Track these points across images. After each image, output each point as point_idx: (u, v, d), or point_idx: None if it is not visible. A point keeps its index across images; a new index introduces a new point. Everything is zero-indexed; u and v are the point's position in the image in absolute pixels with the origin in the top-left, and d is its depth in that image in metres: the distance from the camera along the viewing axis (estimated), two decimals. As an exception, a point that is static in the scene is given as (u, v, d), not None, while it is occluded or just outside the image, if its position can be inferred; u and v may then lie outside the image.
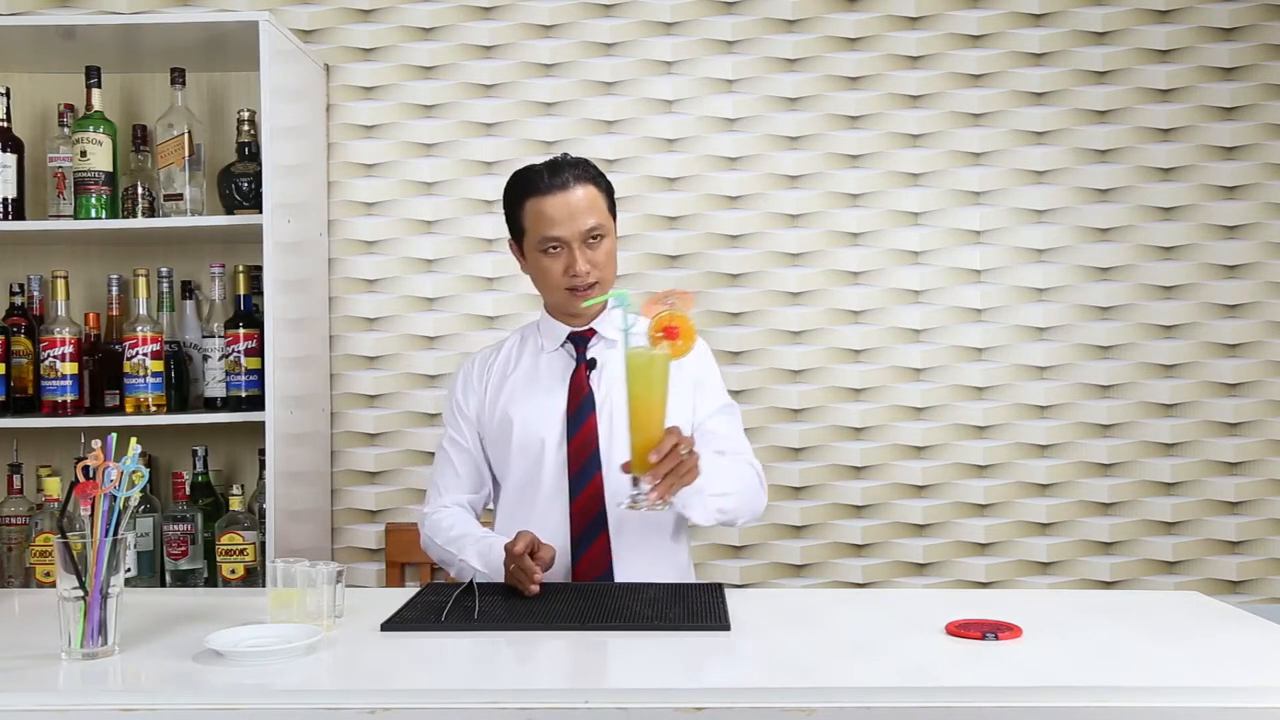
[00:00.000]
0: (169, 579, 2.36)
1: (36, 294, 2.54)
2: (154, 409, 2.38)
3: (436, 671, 1.41)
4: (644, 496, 1.62)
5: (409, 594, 1.74)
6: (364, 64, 2.73)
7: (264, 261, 2.31)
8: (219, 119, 2.66)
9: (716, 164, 2.70)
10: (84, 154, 2.39)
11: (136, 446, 1.46)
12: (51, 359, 2.37)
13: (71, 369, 2.37)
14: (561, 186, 1.87)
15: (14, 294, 2.51)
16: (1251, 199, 2.67)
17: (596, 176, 1.92)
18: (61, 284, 2.41)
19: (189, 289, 2.58)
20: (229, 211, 2.46)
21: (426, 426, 2.72)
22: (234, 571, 2.29)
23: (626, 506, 1.65)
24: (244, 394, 2.41)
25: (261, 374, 2.35)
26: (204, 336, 2.45)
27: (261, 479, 2.43)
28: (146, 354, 2.37)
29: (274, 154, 2.33)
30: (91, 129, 2.40)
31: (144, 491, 1.52)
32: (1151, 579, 2.66)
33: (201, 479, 2.46)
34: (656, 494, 1.61)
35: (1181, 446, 2.67)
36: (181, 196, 2.43)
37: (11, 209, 2.40)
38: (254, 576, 2.31)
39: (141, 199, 2.46)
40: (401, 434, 2.72)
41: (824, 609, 1.72)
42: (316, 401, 2.62)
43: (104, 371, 2.48)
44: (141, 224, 2.42)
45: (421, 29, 2.72)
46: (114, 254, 2.63)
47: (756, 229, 2.69)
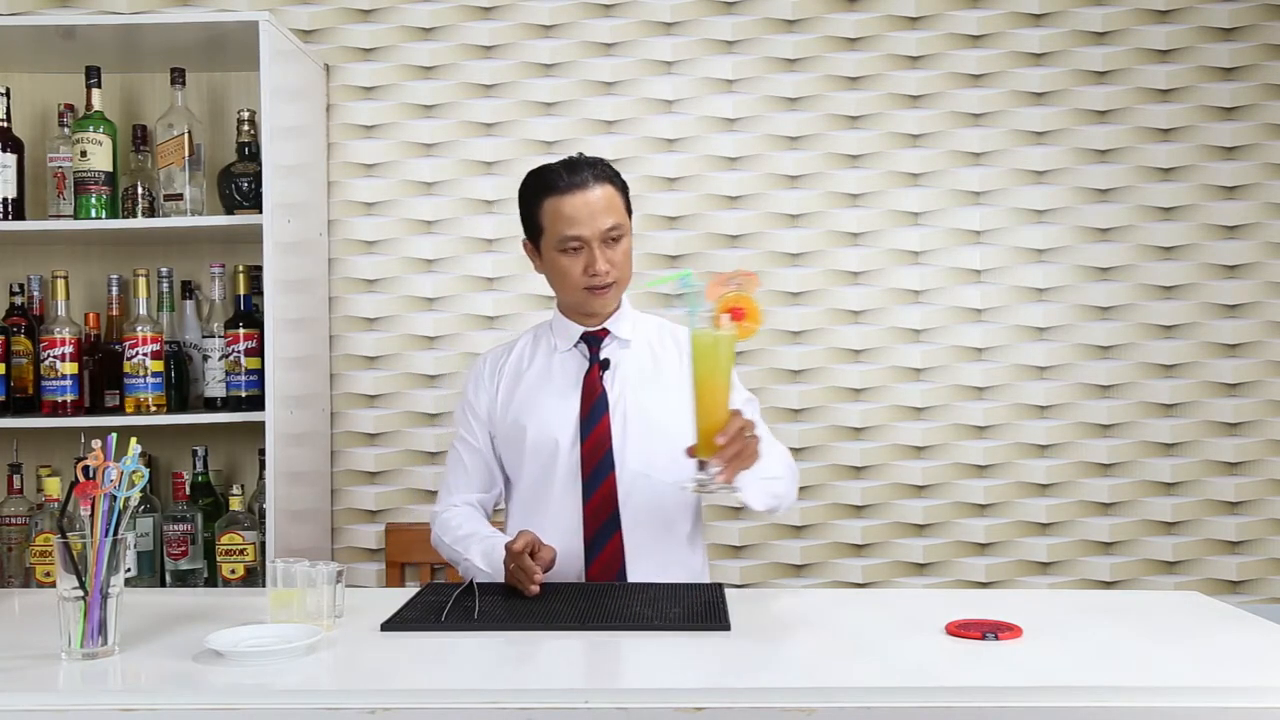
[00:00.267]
0: (169, 579, 2.36)
1: (36, 294, 2.54)
2: (154, 409, 2.38)
3: (436, 671, 1.41)
4: (711, 480, 1.59)
5: (409, 594, 1.74)
6: (364, 64, 2.73)
7: (264, 261, 2.31)
8: (219, 119, 2.66)
9: (716, 164, 2.70)
10: (84, 154, 2.39)
11: (136, 446, 1.46)
12: (51, 359, 2.37)
13: (71, 369, 2.37)
14: (581, 185, 1.86)
15: (14, 294, 2.51)
16: (1251, 199, 2.67)
17: (613, 176, 1.92)
18: (61, 284, 2.41)
19: (189, 289, 2.58)
20: (229, 211, 2.46)
21: (426, 426, 2.72)
22: (234, 571, 2.29)
23: (692, 490, 1.63)
24: (244, 394, 2.41)
25: (261, 374, 2.35)
26: (204, 336, 2.45)
27: (261, 479, 2.43)
28: (146, 354, 2.37)
29: (274, 154, 2.33)
30: (91, 129, 2.39)
31: (144, 491, 1.52)
32: (1151, 579, 2.66)
33: (201, 479, 2.46)
34: (724, 476, 1.59)
35: (1181, 446, 2.67)
36: (181, 196, 2.43)
37: (11, 209, 2.40)
38: (254, 576, 2.31)
39: (141, 199, 2.46)
40: (401, 434, 2.72)
41: (824, 609, 1.72)
42: (316, 401, 2.62)
43: (104, 371, 2.48)
44: (141, 224, 2.42)
45: (421, 29, 2.72)
46: (114, 254, 2.63)
47: (756, 229, 2.69)
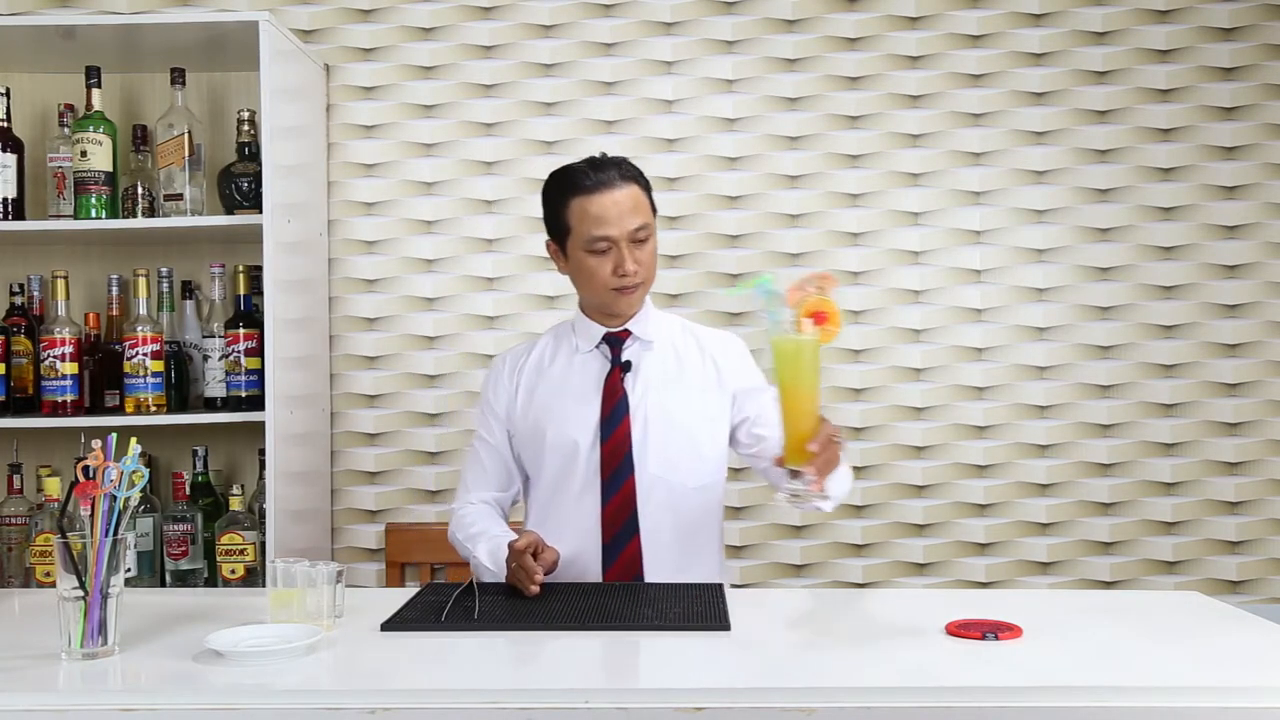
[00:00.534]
0: (169, 579, 2.36)
1: (36, 294, 2.54)
2: (154, 409, 2.38)
3: (436, 671, 1.41)
4: (806, 489, 1.55)
5: (409, 594, 1.74)
6: (364, 64, 2.73)
7: (264, 261, 2.31)
8: (219, 119, 2.66)
9: (716, 164, 2.70)
10: (84, 154, 2.39)
11: (136, 446, 1.46)
12: (51, 359, 2.37)
13: (71, 369, 2.37)
14: (607, 185, 1.85)
15: (14, 294, 2.51)
16: (1251, 199, 2.67)
17: (638, 175, 1.91)
18: (61, 284, 2.41)
19: (189, 289, 2.58)
20: (229, 211, 2.46)
21: (426, 426, 2.72)
22: (234, 571, 2.29)
23: (786, 500, 1.58)
24: (244, 394, 2.41)
25: (261, 374, 2.35)
26: (204, 336, 2.45)
27: (261, 479, 2.43)
28: (146, 354, 2.37)
29: (274, 154, 2.33)
30: (91, 129, 2.39)
31: (144, 491, 1.52)
32: (1151, 579, 2.66)
33: (201, 479, 2.46)
34: (818, 485, 1.55)
35: (1181, 446, 2.67)
36: (181, 196, 2.43)
37: (11, 209, 2.40)
38: (254, 576, 2.31)
39: (141, 199, 2.46)
40: (401, 434, 2.72)
41: (824, 609, 1.72)
42: (316, 401, 2.62)
43: (104, 371, 2.48)
44: (141, 224, 2.42)
45: (421, 29, 2.72)
46: (114, 254, 2.63)
47: (756, 229, 2.69)
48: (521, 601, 1.66)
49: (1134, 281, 2.68)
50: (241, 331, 2.41)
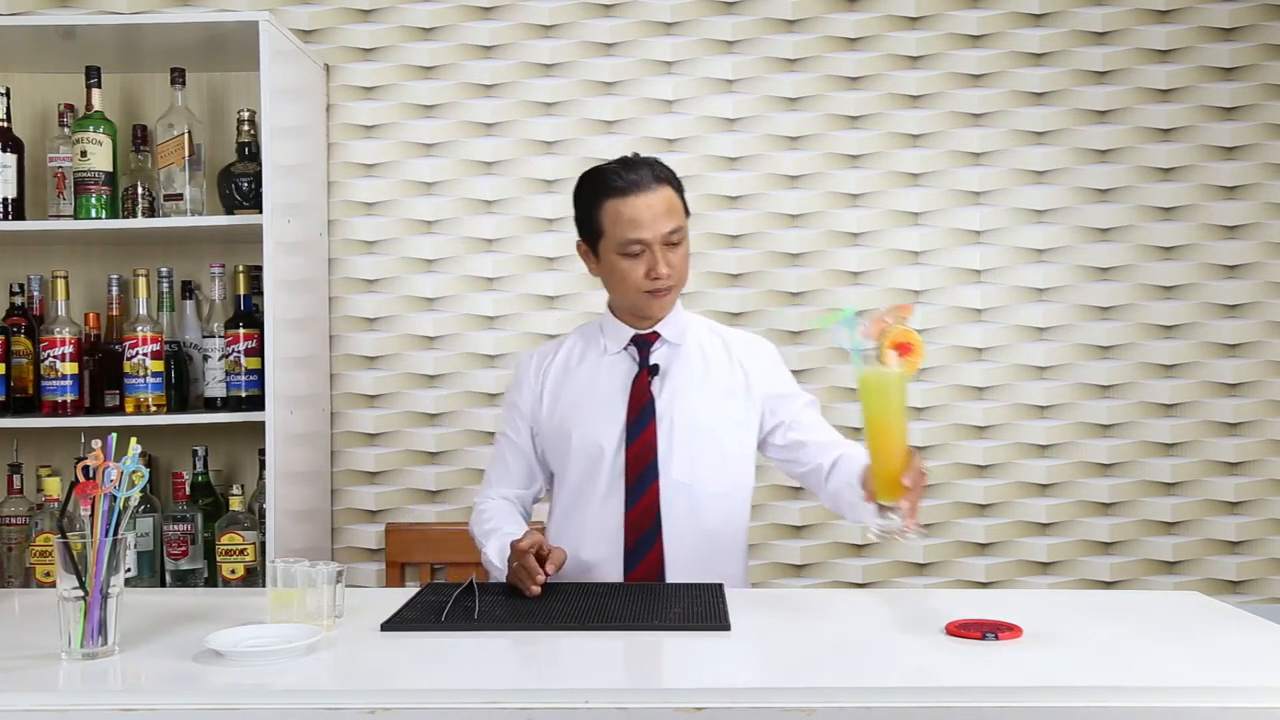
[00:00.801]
0: (169, 579, 2.36)
1: (36, 294, 2.54)
2: (154, 409, 2.38)
3: (436, 671, 1.41)
4: (900, 524, 1.52)
5: (409, 594, 1.74)
6: (364, 64, 2.73)
7: (264, 261, 2.31)
8: (219, 119, 2.66)
9: (716, 164, 2.70)
10: (84, 154, 2.39)
11: (136, 446, 1.46)
12: (51, 359, 2.37)
13: (71, 369, 2.37)
14: (641, 187, 1.83)
15: (14, 294, 2.51)
16: (1251, 199, 2.67)
17: (671, 176, 1.89)
18: (61, 284, 2.41)
19: (189, 289, 2.58)
20: (229, 211, 2.46)
21: (426, 426, 2.72)
22: (234, 571, 2.29)
23: (876, 535, 1.55)
24: (244, 394, 2.41)
25: (261, 374, 2.35)
26: (204, 336, 2.45)
27: (261, 479, 2.43)
28: (146, 354, 2.37)
29: (274, 154, 2.33)
30: (91, 129, 2.39)
31: (144, 491, 1.52)
32: (1151, 579, 2.66)
33: (201, 479, 2.46)
34: (912, 519, 1.52)
35: (1181, 446, 2.67)
36: (181, 196, 2.43)
37: (11, 209, 2.40)
38: (254, 576, 2.31)
39: (141, 199, 2.46)
40: (401, 434, 2.72)
41: (824, 609, 1.72)
42: (316, 401, 2.62)
43: (104, 371, 2.48)
44: (141, 224, 2.42)
45: (421, 29, 2.72)
46: (114, 254, 2.63)
47: (756, 229, 2.69)
48: (521, 601, 1.66)
49: (1134, 281, 2.68)
50: (241, 331, 2.41)
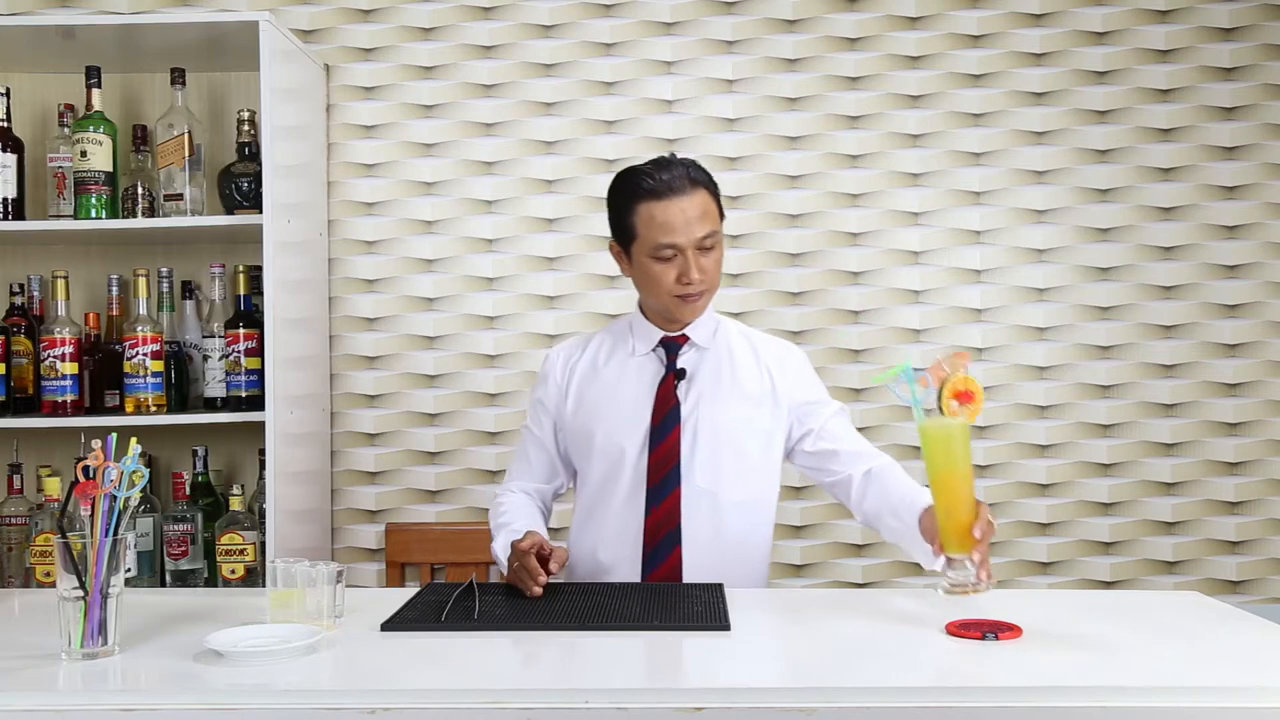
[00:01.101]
0: (169, 579, 2.36)
1: (36, 294, 2.54)
2: (154, 409, 2.38)
3: (436, 671, 1.41)
4: (973, 578, 1.49)
5: (409, 594, 1.74)
6: (364, 64, 2.73)
7: (264, 261, 2.31)
8: (219, 119, 2.66)
9: (717, 164, 2.69)
10: (84, 154, 2.39)
11: (136, 446, 1.46)
12: (51, 359, 2.37)
13: (71, 369, 2.37)
14: (676, 190, 1.80)
15: (14, 294, 2.51)
16: (1251, 199, 2.67)
17: (707, 180, 1.86)
18: (61, 284, 2.41)
19: (189, 289, 2.58)
20: (229, 211, 2.46)
21: (427, 426, 2.72)
22: (234, 571, 2.29)
23: (947, 591, 1.51)
24: (244, 394, 2.41)
25: (261, 374, 2.35)
26: (204, 336, 2.45)
27: (261, 479, 2.43)
28: (146, 354, 2.37)
29: (274, 154, 2.33)
30: (91, 129, 2.39)
31: (144, 491, 1.52)
32: (1151, 579, 2.66)
33: (201, 479, 2.46)
34: (984, 571, 1.50)
35: (1181, 446, 2.67)
36: (181, 196, 2.43)
37: (11, 209, 2.40)
38: (254, 576, 2.31)
39: (141, 199, 2.46)
40: (401, 434, 2.72)
41: (824, 609, 1.72)
42: (316, 401, 2.62)
43: (104, 371, 2.48)
44: (141, 224, 2.42)
45: (421, 29, 2.72)
46: (114, 254, 2.63)
47: (756, 229, 2.69)
48: (521, 601, 1.66)
49: (1134, 281, 2.68)
50: (241, 331, 2.41)
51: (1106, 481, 2.68)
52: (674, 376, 1.90)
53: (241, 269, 2.44)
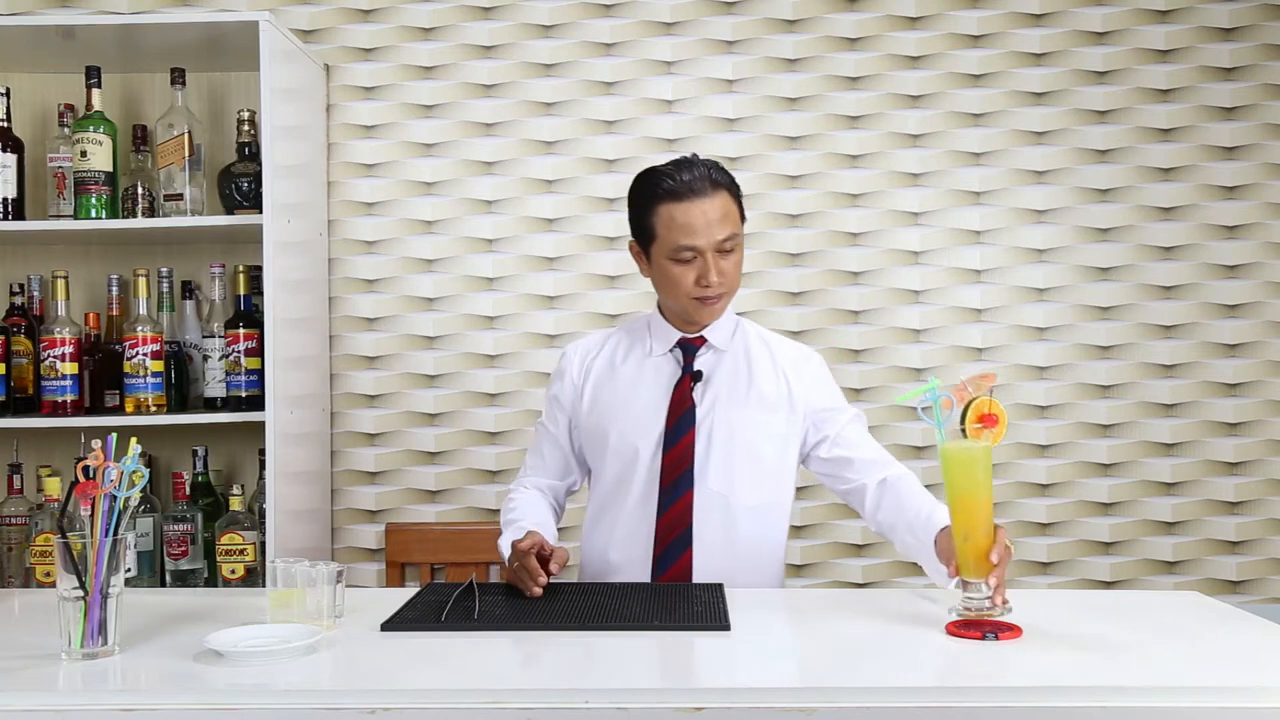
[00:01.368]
0: (169, 579, 2.36)
1: (36, 294, 2.54)
2: (154, 409, 2.38)
3: (436, 671, 1.41)
4: (989, 602, 1.49)
5: (409, 594, 1.74)
6: (364, 64, 2.73)
7: (264, 261, 2.31)
8: (219, 119, 2.66)
9: (716, 164, 2.70)
10: (84, 154, 2.39)
11: (136, 446, 1.46)
12: (51, 359, 2.37)
13: (71, 369, 2.37)
14: (697, 191, 1.79)
15: (14, 294, 2.51)
16: (1251, 199, 2.67)
17: (730, 181, 1.84)
18: (61, 284, 2.41)
19: (189, 289, 2.58)
20: (229, 211, 2.46)
21: (427, 426, 2.72)
22: (234, 571, 2.29)
23: (961, 615, 1.50)
24: (244, 394, 2.41)
25: (261, 374, 2.35)
26: (204, 336, 2.45)
27: (261, 479, 2.43)
28: (146, 354, 2.37)
29: (274, 154, 2.33)
30: (91, 129, 2.39)
31: (144, 491, 1.52)
32: (1151, 579, 2.66)
33: (201, 479, 2.46)
34: (1000, 595, 1.49)
35: (1181, 446, 2.67)
36: (181, 196, 2.43)
37: (11, 209, 2.40)
38: (254, 576, 2.31)
39: (141, 199, 2.46)
40: (401, 434, 2.72)
41: (824, 609, 1.72)
42: (316, 401, 2.62)
43: (104, 371, 2.48)
44: (141, 224, 2.42)
45: (421, 29, 2.72)
46: (114, 254, 2.63)
47: (756, 229, 2.69)
48: (521, 601, 1.66)
49: (1134, 281, 2.68)
50: (241, 331, 2.41)
51: (1106, 481, 2.68)
52: (690, 379, 1.90)
53: (241, 269, 2.44)
